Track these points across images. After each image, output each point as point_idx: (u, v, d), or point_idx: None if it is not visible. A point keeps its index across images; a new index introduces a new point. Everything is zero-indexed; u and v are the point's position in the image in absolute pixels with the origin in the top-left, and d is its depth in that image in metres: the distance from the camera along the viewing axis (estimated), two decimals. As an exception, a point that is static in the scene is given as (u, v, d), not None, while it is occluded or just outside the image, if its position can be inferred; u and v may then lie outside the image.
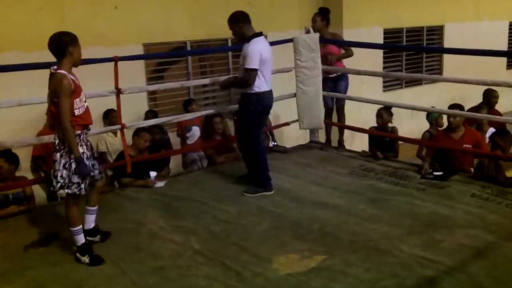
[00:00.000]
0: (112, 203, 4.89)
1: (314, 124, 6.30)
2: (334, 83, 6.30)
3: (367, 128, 6.39)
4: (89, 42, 6.29)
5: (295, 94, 6.22)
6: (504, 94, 7.17)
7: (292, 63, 6.12)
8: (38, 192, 5.68)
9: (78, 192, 3.60)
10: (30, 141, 5.14)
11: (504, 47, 12.23)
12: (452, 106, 5.76)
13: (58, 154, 3.56)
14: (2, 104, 4.68)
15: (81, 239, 3.70)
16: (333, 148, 6.44)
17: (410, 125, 8.31)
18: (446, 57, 10.92)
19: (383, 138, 6.13)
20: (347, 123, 6.46)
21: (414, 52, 10.58)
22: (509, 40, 12.78)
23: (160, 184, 5.36)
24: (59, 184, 3.56)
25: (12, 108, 4.75)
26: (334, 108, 6.42)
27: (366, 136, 6.52)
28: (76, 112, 3.57)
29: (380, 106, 6.19)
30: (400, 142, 6.23)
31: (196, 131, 6.62)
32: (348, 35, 8.08)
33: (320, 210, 4.48)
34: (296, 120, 6.39)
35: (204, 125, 6.56)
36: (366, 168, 5.64)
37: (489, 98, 7.09)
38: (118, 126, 5.22)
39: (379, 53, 9.60)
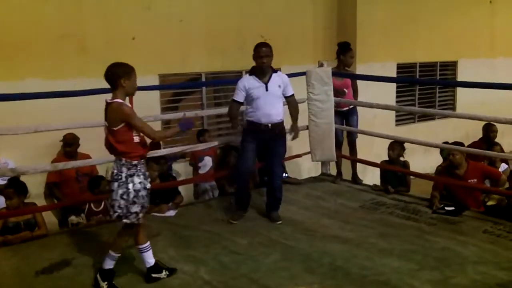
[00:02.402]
0: (123, 231, 4.91)
1: (326, 157, 6.32)
2: (345, 117, 6.35)
3: (379, 162, 6.39)
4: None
5: (307, 126, 6.25)
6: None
7: (304, 95, 6.18)
8: (50, 218, 5.72)
9: (136, 222, 3.65)
10: (44, 167, 5.21)
11: (518, 84, 12.18)
12: (453, 144, 5.71)
13: (115, 184, 3.58)
14: (19, 130, 4.77)
15: (110, 264, 3.73)
16: (344, 181, 6.44)
17: (422, 160, 8.28)
18: (460, 93, 10.93)
19: (395, 172, 6.12)
20: (359, 156, 6.47)
21: (427, 87, 10.62)
22: (524, 77, 12.77)
23: (171, 212, 5.39)
24: (116, 214, 3.60)
25: (29, 134, 4.84)
26: (344, 142, 6.45)
27: (377, 170, 6.51)
28: (136, 140, 3.62)
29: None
30: (412, 176, 6.21)
31: (208, 161, 6.66)
32: (361, 69, 8.16)
33: (330, 243, 4.46)
34: (308, 152, 6.40)
35: (219, 157, 6.60)
36: (377, 202, 5.63)
37: (488, 132, 7.10)
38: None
39: (392, 87, 9.65)
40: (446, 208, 5.22)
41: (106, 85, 5.07)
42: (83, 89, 5.07)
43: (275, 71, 5.02)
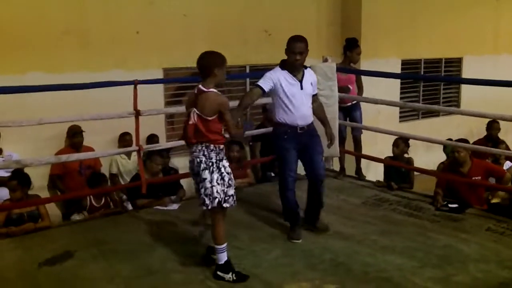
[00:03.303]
0: (126, 224, 4.94)
1: (330, 152, 6.27)
2: (348, 112, 6.34)
3: (383, 158, 6.38)
4: (111, 66, 6.48)
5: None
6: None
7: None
8: (54, 211, 5.74)
9: (233, 204, 3.70)
10: (48, 159, 5.23)
11: (522, 81, 12.15)
12: (458, 141, 5.72)
13: (206, 172, 3.61)
14: (23, 122, 4.78)
15: (224, 257, 3.73)
16: (347, 177, 6.44)
17: (426, 157, 8.26)
18: (464, 90, 10.89)
19: (398, 169, 6.11)
20: (363, 152, 6.46)
21: (431, 83, 10.58)
22: (528, 74, 12.72)
23: (174, 206, 5.40)
24: (216, 200, 3.60)
25: (32, 126, 4.85)
26: (349, 138, 6.45)
27: (381, 166, 6.51)
28: (222, 128, 3.70)
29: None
30: (415, 173, 6.20)
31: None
32: (365, 65, 8.12)
33: (332, 239, 4.47)
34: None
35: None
36: (380, 198, 5.62)
37: (490, 130, 7.11)
38: (135, 148, 5.29)
39: (396, 83, 9.61)
40: (450, 205, 5.21)
41: (109, 79, 5.13)
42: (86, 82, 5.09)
43: (306, 67, 4.57)
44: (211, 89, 3.61)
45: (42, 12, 6.11)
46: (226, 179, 3.65)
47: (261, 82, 4.39)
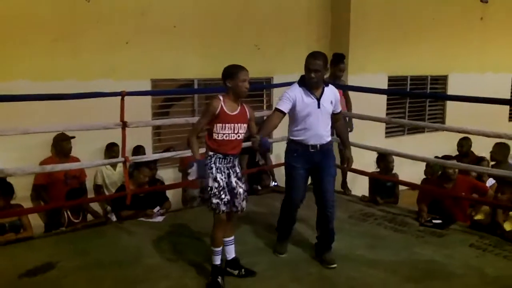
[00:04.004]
0: (110, 235, 4.90)
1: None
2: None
3: (369, 172, 6.41)
4: (99, 75, 6.45)
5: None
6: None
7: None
8: (37, 221, 5.67)
9: (218, 212, 3.74)
10: (32, 169, 5.17)
11: (506, 99, 12.33)
12: (445, 157, 5.76)
13: (241, 180, 3.90)
14: (8, 131, 4.73)
15: (214, 260, 3.85)
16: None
17: (411, 172, 8.31)
18: (449, 107, 11.02)
19: (384, 183, 6.15)
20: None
21: (417, 100, 10.70)
22: (512, 93, 12.93)
23: (159, 218, 5.37)
24: (211, 205, 3.76)
25: (16, 136, 4.80)
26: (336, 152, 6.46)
27: (366, 180, 6.54)
28: (214, 136, 3.76)
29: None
30: (401, 188, 6.24)
31: (198, 168, 6.63)
32: (353, 81, 8.20)
33: (318, 253, 4.47)
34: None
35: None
36: (366, 213, 5.64)
37: (461, 147, 7.25)
38: (122, 159, 5.26)
39: (383, 99, 9.69)
40: (434, 221, 5.25)
41: (97, 88, 5.12)
42: (75, 92, 5.06)
43: (327, 84, 4.29)
44: (219, 95, 3.78)
45: (33, 19, 6.08)
46: (212, 187, 3.71)
47: (280, 105, 4.18)
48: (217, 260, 3.84)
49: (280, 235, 4.59)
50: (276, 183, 6.77)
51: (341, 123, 4.56)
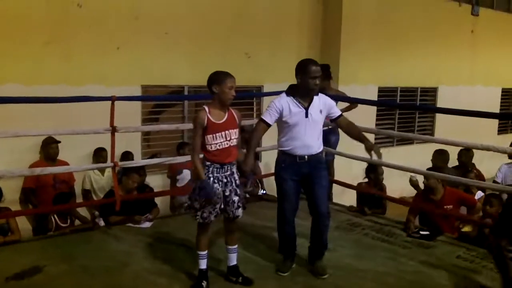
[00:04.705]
0: (97, 241, 4.87)
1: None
2: (324, 136, 6.36)
3: (357, 182, 6.43)
4: (90, 80, 6.43)
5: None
6: (495, 158, 7.25)
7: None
8: (25, 225, 5.63)
9: (201, 221, 3.81)
10: (21, 172, 5.15)
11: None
12: (429, 169, 5.79)
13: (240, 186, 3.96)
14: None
15: (200, 264, 3.90)
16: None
17: (401, 183, 8.35)
18: (438, 119, 11.11)
19: (371, 194, 6.17)
20: (338, 177, 6.50)
21: (407, 111, 10.77)
22: (501, 106, 13.04)
23: (147, 224, 5.36)
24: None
25: (6, 138, 4.78)
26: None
27: (354, 191, 6.55)
28: (208, 148, 3.72)
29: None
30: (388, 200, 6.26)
31: (187, 175, 6.64)
32: (343, 91, 8.22)
33: (305, 262, 4.46)
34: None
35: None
36: (353, 223, 5.66)
37: (461, 157, 7.20)
38: (111, 164, 5.24)
39: (373, 110, 9.75)
40: (421, 232, 5.27)
41: (88, 93, 5.10)
42: (65, 96, 5.05)
43: (316, 93, 4.21)
44: (203, 106, 3.75)
45: (24, 22, 6.05)
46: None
47: (265, 116, 4.14)
48: (203, 265, 3.87)
49: (283, 254, 4.42)
50: (264, 191, 6.78)
51: (346, 123, 4.39)
